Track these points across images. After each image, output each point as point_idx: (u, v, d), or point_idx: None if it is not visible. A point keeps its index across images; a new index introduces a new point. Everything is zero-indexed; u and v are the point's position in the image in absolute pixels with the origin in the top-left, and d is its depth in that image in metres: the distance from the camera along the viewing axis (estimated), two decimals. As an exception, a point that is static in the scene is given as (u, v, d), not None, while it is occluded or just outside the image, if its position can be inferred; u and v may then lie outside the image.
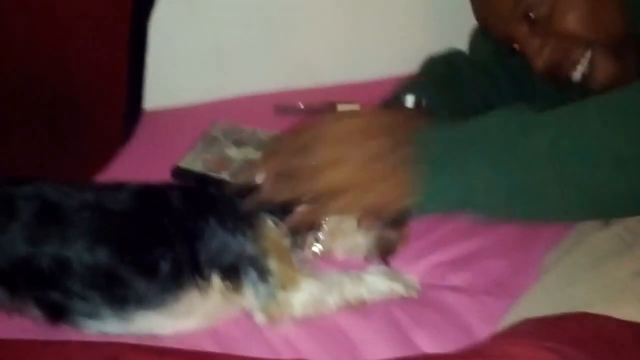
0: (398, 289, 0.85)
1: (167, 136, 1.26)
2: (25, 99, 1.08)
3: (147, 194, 0.83)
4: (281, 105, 1.34)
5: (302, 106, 1.34)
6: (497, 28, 0.98)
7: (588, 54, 0.91)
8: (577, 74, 0.93)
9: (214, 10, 1.32)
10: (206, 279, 0.79)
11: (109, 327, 0.78)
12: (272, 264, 0.80)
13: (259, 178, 0.76)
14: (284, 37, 1.40)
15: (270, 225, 0.81)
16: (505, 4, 0.93)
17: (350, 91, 1.40)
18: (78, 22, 1.09)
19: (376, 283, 0.84)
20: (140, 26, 1.20)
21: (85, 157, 1.15)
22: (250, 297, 0.80)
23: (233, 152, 1.13)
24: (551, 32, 0.92)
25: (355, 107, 1.34)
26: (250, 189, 0.76)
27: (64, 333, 0.79)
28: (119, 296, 0.77)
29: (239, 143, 1.15)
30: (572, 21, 0.90)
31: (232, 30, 1.36)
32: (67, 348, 0.69)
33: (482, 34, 1.11)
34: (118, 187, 0.83)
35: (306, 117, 1.32)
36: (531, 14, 0.91)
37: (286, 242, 0.82)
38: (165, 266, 0.77)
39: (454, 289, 0.89)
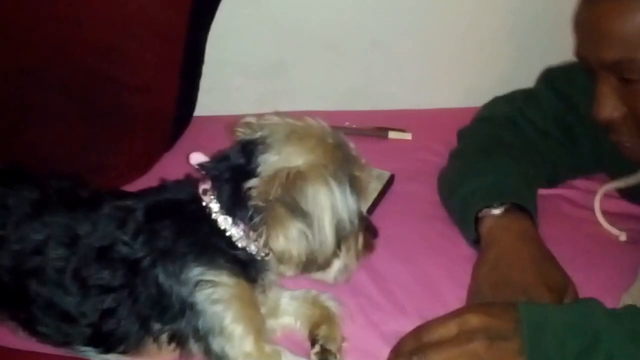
0: None
1: (214, 143, 1.25)
2: (71, 89, 1.09)
3: (116, 218, 0.83)
4: (332, 124, 1.31)
5: (353, 126, 1.32)
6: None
7: None
8: None
9: (279, 23, 1.31)
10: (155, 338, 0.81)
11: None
12: (227, 321, 0.78)
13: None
14: (346, 58, 1.39)
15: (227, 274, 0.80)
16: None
17: (404, 117, 1.38)
18: (133, 19, 1.11)
19: None
20: (197, 33, 1.21)
21: (129, 156, 1.17)
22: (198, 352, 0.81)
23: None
24: None
25: (406, 135, 1.33)
26: None
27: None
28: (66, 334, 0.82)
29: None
30: None
31: (296, 46, 1.35)
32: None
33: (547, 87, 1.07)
34: (97, 202, 0.85)
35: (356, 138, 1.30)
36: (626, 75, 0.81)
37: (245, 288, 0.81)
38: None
39: None
